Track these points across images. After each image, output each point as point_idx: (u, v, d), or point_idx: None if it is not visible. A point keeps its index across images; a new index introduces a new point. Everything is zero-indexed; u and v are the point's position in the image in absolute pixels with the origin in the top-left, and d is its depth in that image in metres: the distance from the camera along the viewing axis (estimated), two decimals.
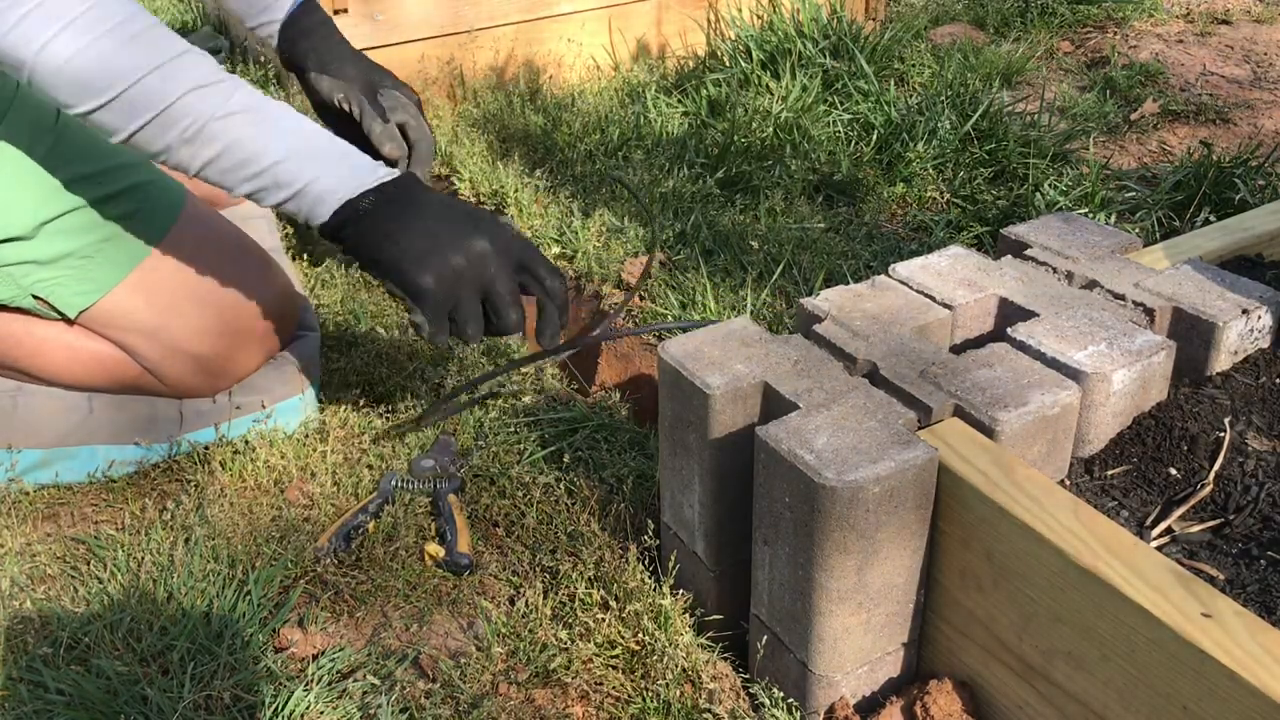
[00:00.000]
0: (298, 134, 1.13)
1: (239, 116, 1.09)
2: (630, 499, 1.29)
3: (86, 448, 1.38)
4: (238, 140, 1.09)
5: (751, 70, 2.51)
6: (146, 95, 1.06)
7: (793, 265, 1.81)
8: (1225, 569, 0.91)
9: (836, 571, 0.91)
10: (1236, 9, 3.15)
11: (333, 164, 1.13)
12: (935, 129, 2.22)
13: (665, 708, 1.03)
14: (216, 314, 1.36)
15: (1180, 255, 1.24)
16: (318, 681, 1.07)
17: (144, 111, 1.07)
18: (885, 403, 0.97)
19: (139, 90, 1.05)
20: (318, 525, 1.28)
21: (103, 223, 1.28)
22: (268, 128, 1.11)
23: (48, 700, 1.05)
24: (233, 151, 1.09)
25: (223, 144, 1.09)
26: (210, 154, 1.09)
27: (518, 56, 2.57)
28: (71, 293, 1.30)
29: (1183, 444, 1.03)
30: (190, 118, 1.08)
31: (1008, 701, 0.94)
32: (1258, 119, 2.44)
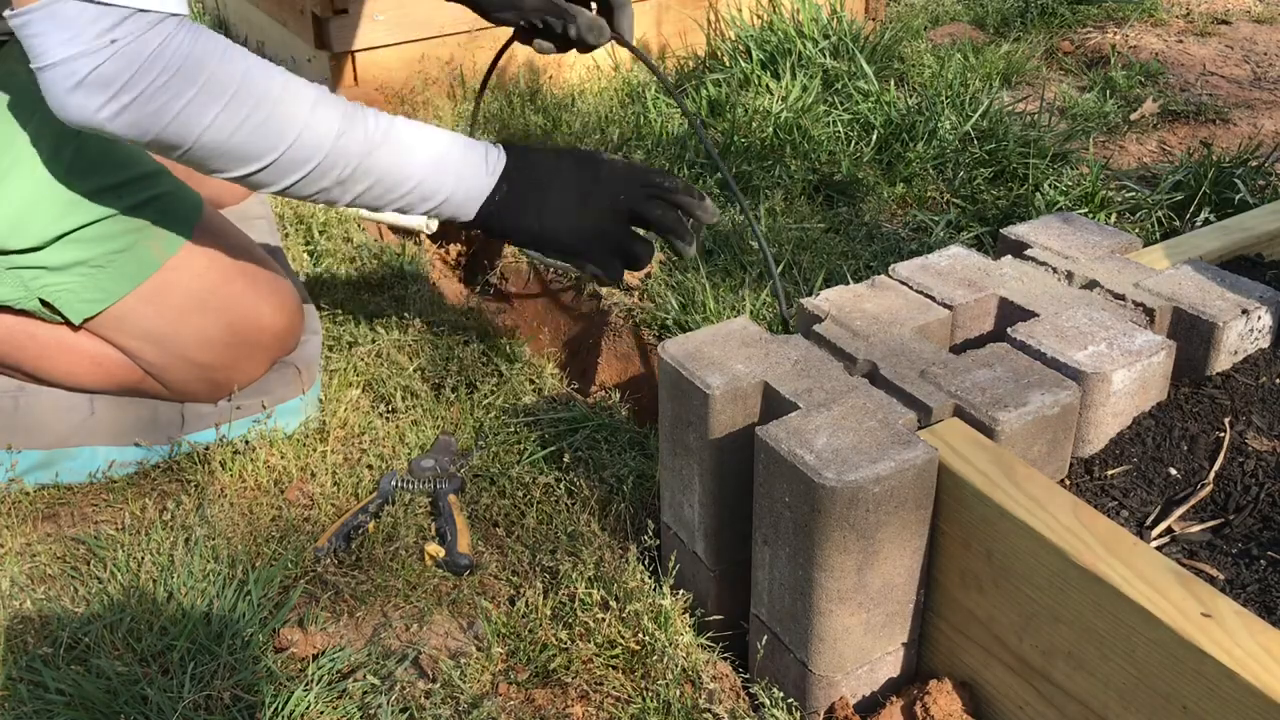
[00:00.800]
0: (428, 148, 1.23)
1: (381, 150, 1.19)
2: (630, 499, 1.29)
3: (87, 448, 1.38)
4: (386, 171, 1.20)
5: (751, 70, 2.51)
6: (302, 153, 1.15)
7: (793, 265, 1.81)
8: (1225, 569, 0.91)
9: (836, 571, 0.91)
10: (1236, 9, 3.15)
11: (463, 168, 1.24)
12: (935, 129, 2.22)
13: (665, 708, 1.03)
14: (225, 325, 1.36)
15: (1180, 255, 1.24)
16: (318, 681, 1.07)
17: (301, 167, 1.16)
18: (885, 403, 0.97)
19: (294, 151, 1.14)
20: (318, 525, 1.28)
21: (118, 235, 1.27)
22: (405, 152, 1.21)
23: (48, 700, 1.05)
24: (383, 182, 1.21)
25: (374, 178, 1.20)
26: (362, 188, 1.20)
27: (518, 56, 2.56)
28: (79, 300, 1.29)
29: (1183, 444, 1.03)
30: (342, 164, 1.17)
31: (1008, 701, 0.94)
32: (1258, 119, 2.44)
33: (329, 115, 1.17)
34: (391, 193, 1.22)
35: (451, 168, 1.24)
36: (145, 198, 1.30)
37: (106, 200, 1.27)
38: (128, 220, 1.28)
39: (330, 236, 1.93)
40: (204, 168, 1.15)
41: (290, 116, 1.14)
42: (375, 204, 1.23)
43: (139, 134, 1.09)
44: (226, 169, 1.15)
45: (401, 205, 1.24)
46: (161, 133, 1.09)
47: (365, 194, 1.21)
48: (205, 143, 1.11)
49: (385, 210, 1.25)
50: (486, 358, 1.60)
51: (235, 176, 1.16)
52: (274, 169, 1.15)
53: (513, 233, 1.28)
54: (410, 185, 1.22)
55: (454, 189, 1.24)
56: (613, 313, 1.76)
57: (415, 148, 1.22)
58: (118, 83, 1.05)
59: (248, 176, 1.16)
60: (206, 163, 1.14)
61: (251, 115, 1.11)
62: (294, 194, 1.19)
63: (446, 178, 1.23)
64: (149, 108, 1.07)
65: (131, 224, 1.28)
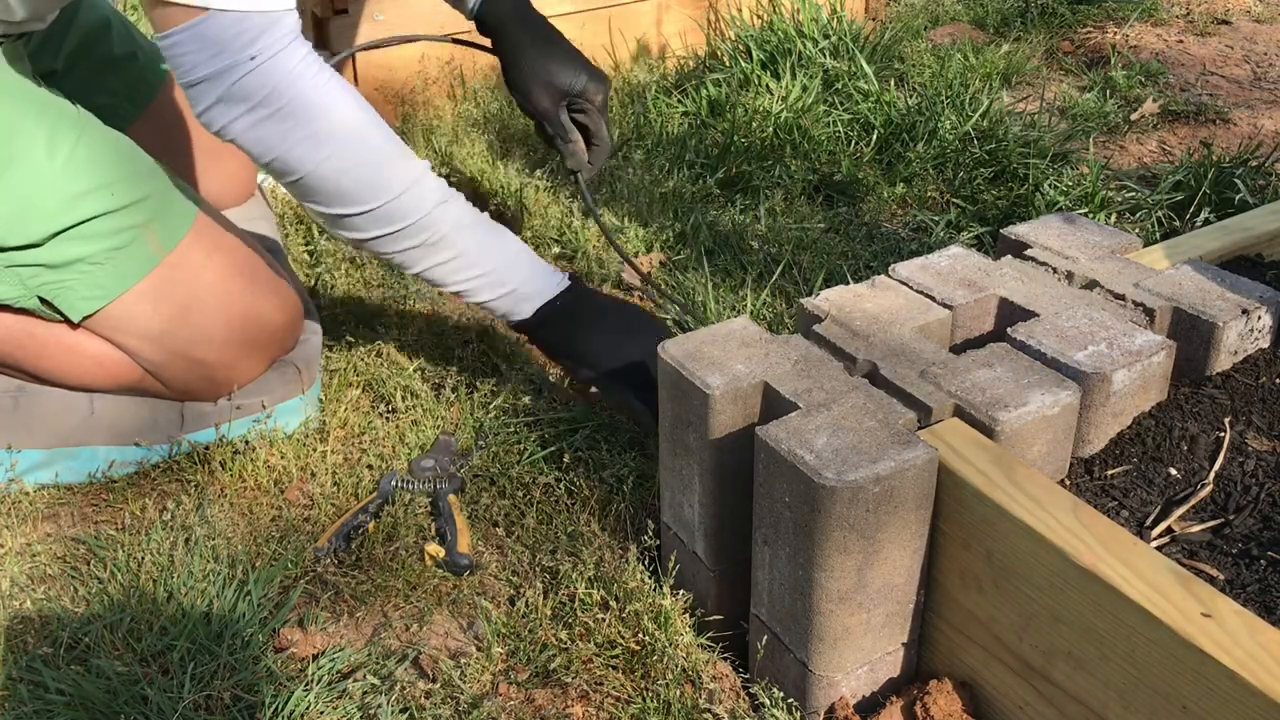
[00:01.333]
0: (504, 244, 1.33)
1: (472, 229, 1.30)
2: (630, 499, 1.29)
3: (87, 448, 1.38)
4: (470, 248, 1.29)
5: (751, 70, 2.51)
6: (402, 209, 1.23)
7: (793, 265, 1.81)
8: (1225, 569, 0.91)
9: (836, 571, 0.91)
10: (1236, 9, 3.15)
11: (535, 268, 1.35)
12: (935, 129, 2.22)
13: (665, 708, 1.03)
14: (224, 323, 1.36)
15: (1180, 255, 1.24)
16: (318, 681, 1.07)
17: (396, 221, 1.24)
18: (885, 403, 0.97)
19: (396, 204, 1.22)
20: (318, 525, 1.28)
21: (116, 232, 1.28)
22: (488, 239, 1.31)
23: (48, 700, 1.05)
24: (464, 257, 1.29)
25: (457, 251, 1.28)
26: (444, 258, 1.28)
27: None
28: (78, 297, 1.29)
29: (1183, 444, 1.03)
30: (434, 229, 1.26)
31: (1008, 701, 0.94)
32: (1258, 119, 2.44)
33: (433, 183, 1.26)
34: (467, 270, 1.30)
35: (525, 265, 1.34)
36: (143, 195, 1.30)
37: (104, 197, 1.27)
38: (125, 217, 1.28)
39: (330, 236, 1.93)
40: (307, 198, 1.23)
41: (401, 172, 1.23)
42: (445, 278, 1.30)
43: (263, 150, 1.18)
44: (327, 205, 1.22)
45: (469, 286, 1.31)
46: (284, 154, 1.17)
47: (443, 265, 1.28)
48: (319, 174, 1.19)
49: (447, 288, 1.32)
50: (486, 358, 1.60)
51: (332, 214, 1.23)
52: (371, 216, 1.22)
53: (556, 345, 1.38)
54: (487, 268, 1.31)
55: (521, 284, 1.33)
56: None
57: (500, 237, 1.33)
58: (255, 97, 1.13)
59: (343, 217, 1.23)
60: (312, 194, 1.22)
61: (367, 160, 1.20)
62: (379, 247, 1.26)
63: (519, 271, 1.33)
64: (280, 127, 1.16)
65: (129, 220, 1.28)
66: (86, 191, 1.26)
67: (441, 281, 1.31)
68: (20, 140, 1.23)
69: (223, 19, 1.10)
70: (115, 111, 1.55)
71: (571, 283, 1.37)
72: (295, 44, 1.16)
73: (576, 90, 1.41)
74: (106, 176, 1.28)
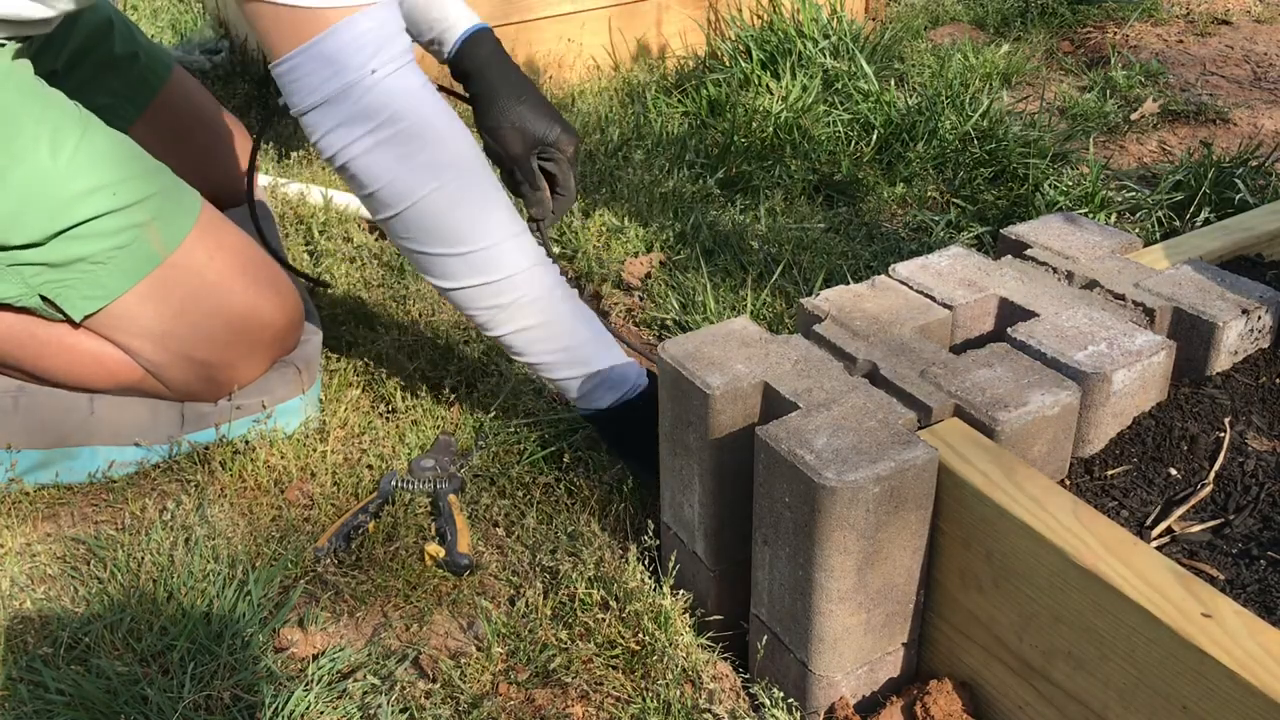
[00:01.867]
0: (592, 326, 1.29)
1: (560, 301, 1.26)
2: (630, 499, 1.29)
3: (87, 448, 1.38)
4: (558, 319, 1.26)
5: (751, 70, 2.51)
6: (494, 260, 1.21)
7: (793, 265, 1.81)
8: (1225, 569, 0.91)
9: (836, 571, 0.91)
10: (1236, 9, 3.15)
11: (615, 360, 1.30)
12: (935, 129, 2.22)
13: (665, 708, 1.03)
14: (224, 323, 1.36)
15: (1180, 255, 1.24)
16: (318, 681, 1.07)
17: (487, 272, 1.21)
18: (885, 403, 0.97)
19: (489, 253, 1.20)
20: (318, 525, 1.28)
21: (118, 231, 1.28)
22: (577, 315, 1.28)
23: (48, 700, 1.05)
24: (550, 327, 1.26)
25: (544, 319, 1.25)
26: (529, 323, 1.24)
27: (518, 56, 2.56)
28: (80, 296, 1.29)
29: (1183, 444, 1.03)
30: (523, 290, 1.23)
31: (1008, 701, 0.94)
32: (1258, 119, 2.44)
33: (530, 243, 1.23)
34: (552, 341, 1.26)
35: (609, 352, 1.30)
36: (145, 194, 1.30)
37: (106, 196, 1.27)
38: (128, 216, 1.28)
39: (330, 236, 1.93)
40: (406, 233, 1.20)
41: (503, 220, 1.21)
42: (528, 347, 1.26)
43: (376, 175, 1.15)
44: (424, 242, 1.20)
45: (550, 359, 1.27)
46: (397, 179, 1.15)
47: (528, 331, 1.25)
48: (427, 204, 1.17)
49: (527, 358, 1.28)
50: (486, 358, 1.60)
51: (428, 253, 1.21)
52: (466, 260, 1.20)
53: (621, 439, 1.34)
54: (572, 343, 1.27)
55: (605, 370, 1.29)
56: (613, 313, 1.76)
57: (589, 320, 1.29)
58: (379, 115, 1.12)
59: (439, 258, 1.20)
60: (411, 228, 1.19)
61: (475, 199, 1.18)
62: (468, 299, 1.23)
63: (604, 356, 1.29)
64: (400, 149, 1.14)
65: (131, 220, 1.28)
66: (89, 190, 1.26)
67: (523, 350, 1.27)
68: (23, 139, 1.23)
69: (342, 35, 1.09)
70: (116, 112, 1.55)
71: (648, 382, 1.32)
72: (413, 66, 1.15)
73: (550, 140, 1.40)
74: (109, 176, 1.28)
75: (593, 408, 1.31)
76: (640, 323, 1.74)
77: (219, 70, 2.77)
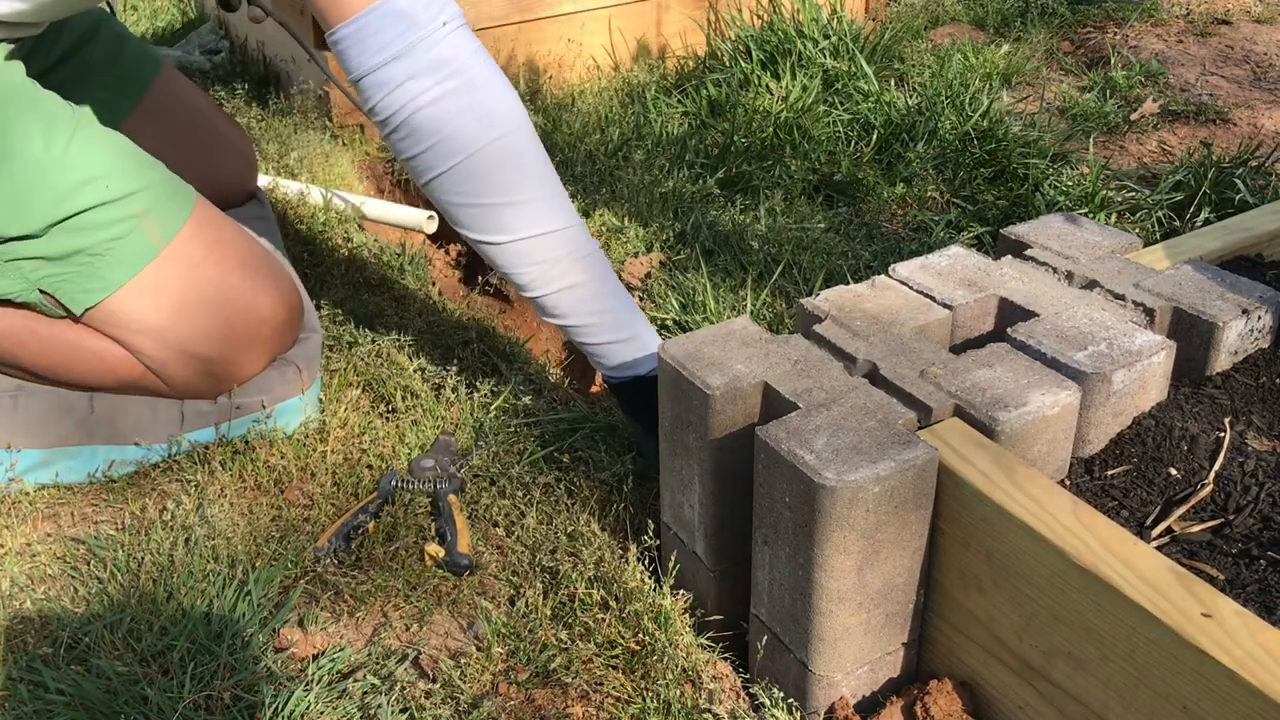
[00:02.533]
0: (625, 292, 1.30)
1: (602, 262, 1.27)
2: (630, 499, 1.29)
3: (87, 447, 1.38)
4: (601, 279, 1.27)
5: (751, 70, 2.51)
6: (550, 212, 1.22)
7: (793, 265, 1.81)
8: (1225, 569, 0.91)
9: (836, 571, 0.91)
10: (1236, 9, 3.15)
11: (649, 325, 1.31)
12: (935, 129, 2.22)
13: (665, 708, 1.03)
14: (223, 317, 1.36)
15: (1180, 255, 1.24)
16: (318, 681, 1.07)
17: (544, 223, 1.22)
18: (885, 403, 0.97)
19: (546, 206, 1.22)
20: (318, 525, 1.28)
21: (115, 222, 1.28)
22: (615, 277, 1.29)
23: (48, 700, 1.05)
24: (594, 284, 1.26)
25: (590, 275, 1.25)
26: (576, 279, 1.25)
27: (518, 56, 2.57)
28: (79, 289, 1.30)
29: (1183, 444, 1.03)
30: (575, 245, 1.24)
31: (1008, 701, 0.94)
32: (1258, 119, 2.44)
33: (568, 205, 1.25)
34: (594, 301, 1.27)
35: (644, 319, 1.31)
36: (140, 185, 1.31)
37: (101, 187, 1.27)
38: (124, 207, 1.28)
39: (330, 236, 1.93)
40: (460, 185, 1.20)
41: (555, 179, 1.23)
42: (571, 307, 1.26)
43: (439, 125, 1.16)
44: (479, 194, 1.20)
45: (592, 320, 1.28)
46: (459, 130, 1.16)
47: (572, 289, 1.25)
48: (485, 155, 1.17)
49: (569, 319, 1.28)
50: (486, 358, 1.60)
51: (480, 204, 1.21)
52: (522, 211, 1.21)
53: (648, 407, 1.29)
54: (615, 305, 1.28)
55: (645, 333, 1.30)
56: None
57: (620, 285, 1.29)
58: (448, 66, 1.14)
59: (492, 207, 1.21)
60: (467, 179, 1.19)
61: (527, 152, 1.20)
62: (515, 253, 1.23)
63: (642, 321, 1.30)
64: (464, 100, 1.16)
65: (127, 210, 1.29)
66: (84, 181, 1.26)
67: (567, 311, 1.27)
68: (17, 132, 1.23)
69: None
70: (108, 109, 1.55)
71: None
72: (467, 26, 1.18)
73: None
74: (103, 167, 1.28)
75: (630, 375, 1.31)
76: None
77: (219, 70, 2.77)
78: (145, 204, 1.31)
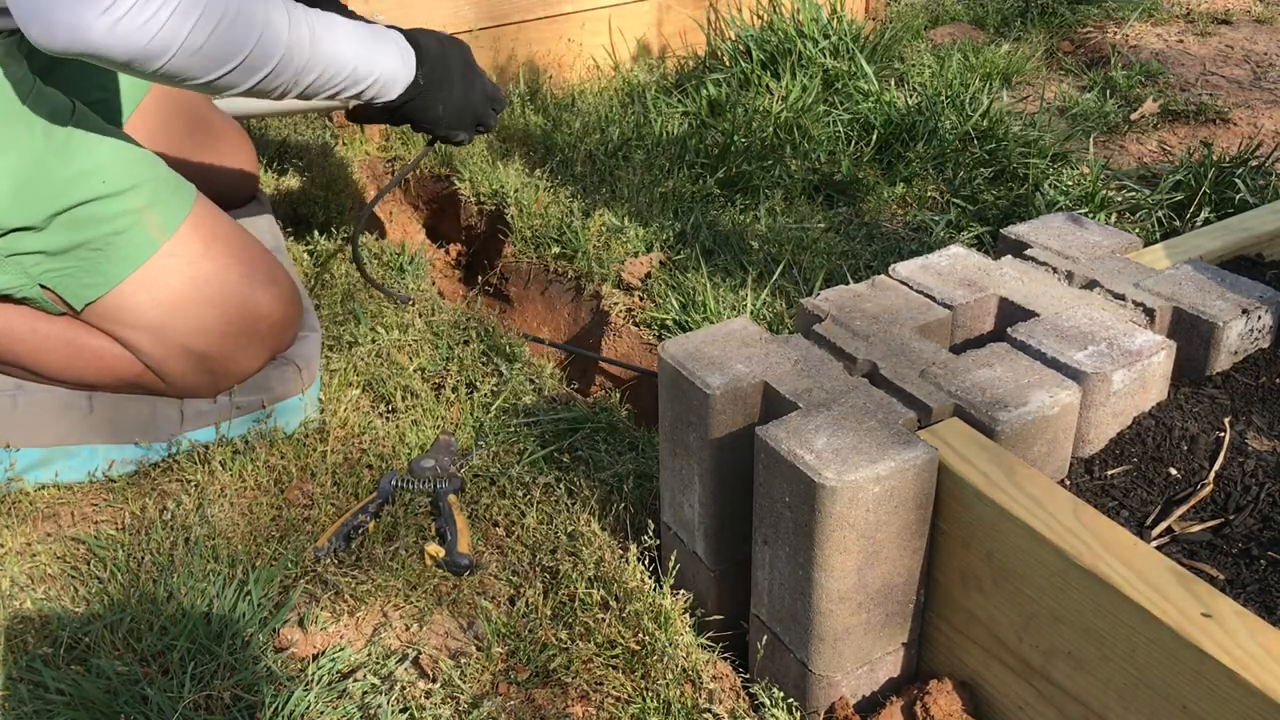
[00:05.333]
0: (357, 33, 1.35)
1: (324, 42, 1.29)
2: (630, 499, 1.29)
3: (87, 447, 1.38)
4: (331, 59, 1.30)
5: (751, 70, 2.51)
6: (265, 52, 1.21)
7: (793, 265, 1.81)
8: (1225, 569, 0.91)
9: (836, 571, 0.91)
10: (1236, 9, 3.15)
11: (389, 52, 1.38)
12: (935, 129, 2.22)
13: (665, 708, 1.03)
14: (222, 314, 1.36)
15: (1180, 255, 1.24)
16: (318, 681, 1.07)
17: (265, 65, 1.22)
18: (885, 403, 0.97)
19: (259, 49, 1.21)
20: (318, 525, 1.28)
21: (115, 216, 1.28)
22: (340, 40, 1.32)
23: (48, 700, 1.05)
24: (328, 69, 1.30)
25: (322, 67, 1.29)
26: (313, 78, 1.29)
27: (518, 56, 2.57)
28: (80, 284, 1.30)
29: (1183, 444, 1.03)
30: (298, 58, 1.25)
31: (1008, 701, 0.94)
32: (1258, 119, 2.44)
33: (279, 15, 1.24)
34: (334, 79, 1.31)
35: (380, 52, 1.37)
36: (140, 180, 1.31)
37: (99, 181, 1.27)
38: (124, 201, 1.29)
39: (330, 236, 1.93)
40: (176, 78, 1.18)
41: (253, 18, 1.20)
42: (317, 92, 1.32)
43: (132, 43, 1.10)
44: (197, 76, 1.18)
45: (337, 90, 1.33)
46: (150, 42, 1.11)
47: (314, 83, 1.30)
48: (187, 47, 1.14)
49: (319, 98, 1.35)
50: (486, 358, 1.60)
51: (203, 82, 1.19)
52: (242, 69, 1.20)
53: (419, 121, 1.47)
54: (347, 70, 1.32)
55: (382, 72, 1.37)
56: (613, 313, 1.76)
57: (348, 34, 1.33)
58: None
59: (216, 80, 1.19)
60: (182, 73, 1.16)
61: (222, 20, 1.16)
62: (258, 92, 1.25)
63: (377, 60, 1.36)
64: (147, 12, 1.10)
65: (127, 205, 1.29)
66: (84, 173, 1.26)
67: (313, 93, 1.32)
68: (18, 126, 1.24)
69: None
70: (110, 107, 1.55)
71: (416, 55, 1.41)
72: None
73: None
74: (103, 161, 1.28)
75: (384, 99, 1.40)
76: (640, 323, 1.74)
77: None
78: (145, 199, 1.31)
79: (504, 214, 2.07)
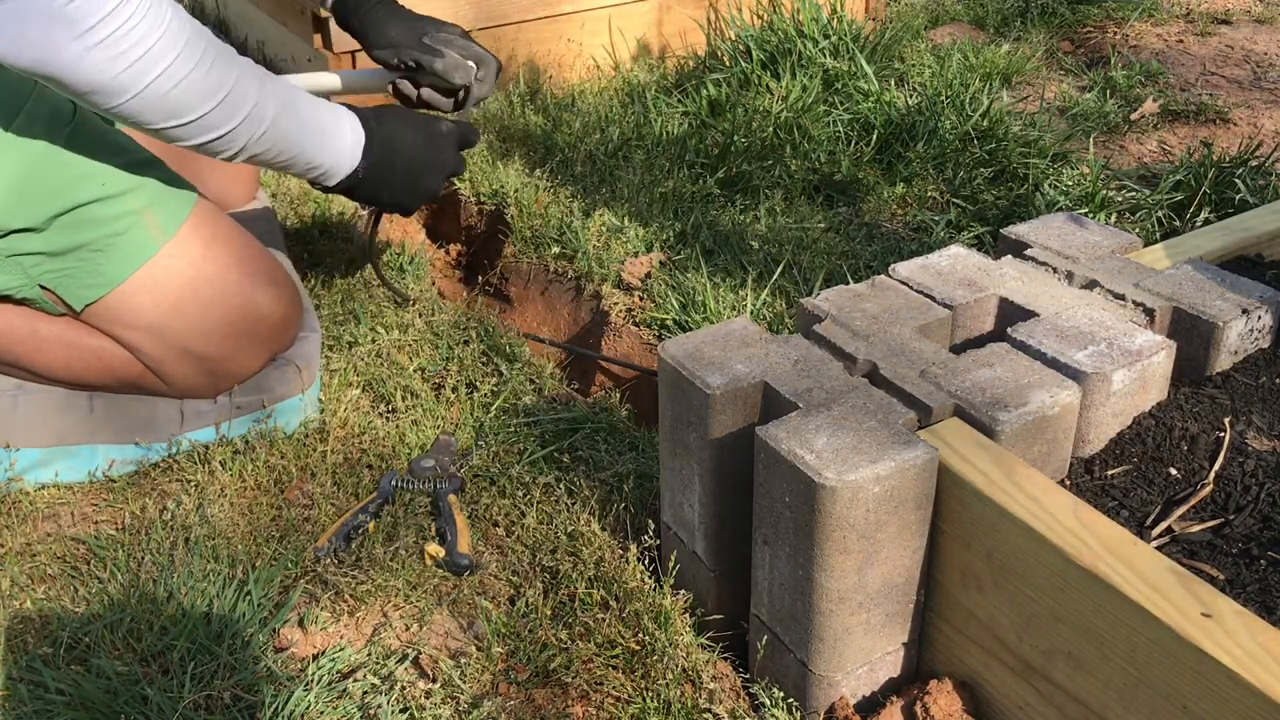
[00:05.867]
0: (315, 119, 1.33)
1: (281, 120, 1.27)
2: (630, 499, 1.29)
3: (87, 447, 1.38)
4: (282, 138, 1.28)
5: (751, 70, 2.51)
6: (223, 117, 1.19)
7: (793, 265, 1.81)
8: (1225, 569, 0.91)
9: (836, 571, 0.91)
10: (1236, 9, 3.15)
11: (337, 143, 1.36)
12: (935, 129, 2.22)
13: (665, 708, 1.03)
14: (222, 315, 1.36)
15: (1180, 255, 1.24)
16: (318, 681, 1.07)
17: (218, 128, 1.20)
18: (885, 403, 0.97)
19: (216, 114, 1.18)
20: (318, 525, 1.28)
21: (115, 218, 1.28)
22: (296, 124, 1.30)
23: (48, 700, 1.05)
24: (276, 146, 1.28)
25: (271, 142, 1.27)
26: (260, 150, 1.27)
27: (518, 56, 2.56)
28: (80, 285, 1.30)
29: (1183, 444, 1.03)
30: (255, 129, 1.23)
31: (1008, 701, 0.94)
32: (1258, 119, 2.44)
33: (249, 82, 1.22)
34: (279, 157, 1.30)
35: (330, 142, 1.35)
36: (140, 181, 1.31)
37: (100, 183, 1.27)
38: (124, 202, 1.29)
39: (330, 236, 1.93)
40: (130, 119, 1.16)
41: (223, 78, 1.18)
42: (263, 165, 1.31)
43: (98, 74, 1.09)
44: (151, 121, 1.16)
45: (283, 167, 1.33)
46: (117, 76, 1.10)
47: (260, 155, 1.28)
48: (153, 90, 1.12)
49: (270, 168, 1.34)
50: (486, 358, 1.60)
51: (154, 129, 1.17)
52: (197, 125, 1.18)
53: (363, 199, 1.46)
54: (295, 152, 1.31)
55: (324, 160, 1.35)
56: (613, 313, 1.76)
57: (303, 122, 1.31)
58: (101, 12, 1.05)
59: (167, 129, 1.17)
60: (137, 115, 1.15)
61: (194, 71, 1.14)
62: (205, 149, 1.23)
63: (326, 147, 1.35)
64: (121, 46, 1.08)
65: (128, 206, 1.29)
66: (84, 175, 1.26)
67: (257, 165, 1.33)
68: (19, 124, 1.24)
69: None
70: None
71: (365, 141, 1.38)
72: None
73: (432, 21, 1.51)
74: (104, 163, 1.29)
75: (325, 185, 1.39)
76: (640, 323, 1.74)
77: None
78: (146, 200, 1.31)
79: (504, 214, 2.07)
